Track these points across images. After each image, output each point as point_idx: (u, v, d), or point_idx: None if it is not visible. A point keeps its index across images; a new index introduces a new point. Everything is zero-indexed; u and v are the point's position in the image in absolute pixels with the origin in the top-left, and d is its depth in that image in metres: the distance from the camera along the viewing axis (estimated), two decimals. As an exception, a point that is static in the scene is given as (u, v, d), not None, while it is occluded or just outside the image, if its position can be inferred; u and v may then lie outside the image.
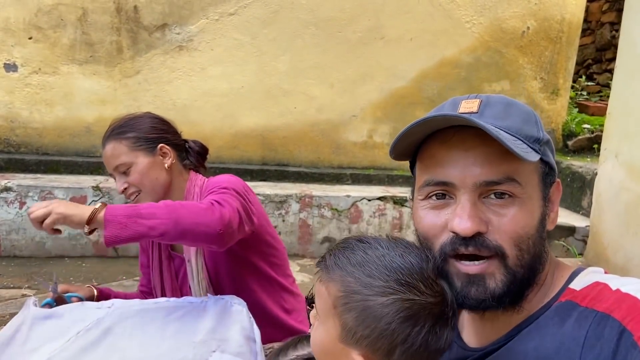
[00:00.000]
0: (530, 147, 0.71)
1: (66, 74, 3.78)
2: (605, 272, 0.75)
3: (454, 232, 0.71)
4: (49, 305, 1.39)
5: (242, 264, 1.56)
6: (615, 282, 0.70)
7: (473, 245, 0.70)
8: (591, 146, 4.42)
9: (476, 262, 0.71)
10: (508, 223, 0.70)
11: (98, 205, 1.24)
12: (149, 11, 3.81)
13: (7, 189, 3.26)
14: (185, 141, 1.67)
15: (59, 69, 3.77)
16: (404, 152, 0.79)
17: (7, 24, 3.65)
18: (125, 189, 1.53)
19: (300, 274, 3.20)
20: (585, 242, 3.40)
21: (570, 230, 3.52)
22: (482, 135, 0.68)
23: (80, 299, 1.45)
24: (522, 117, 0.74)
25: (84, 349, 1.23)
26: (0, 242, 3.27)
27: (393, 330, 0.68)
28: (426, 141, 0.76)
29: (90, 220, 1.21)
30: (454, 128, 0.72)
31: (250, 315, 1.36)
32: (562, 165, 4.11)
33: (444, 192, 0.73)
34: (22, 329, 1.24)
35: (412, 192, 0.82)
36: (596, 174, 3.24)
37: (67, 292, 1.49)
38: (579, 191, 3.83)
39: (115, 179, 1.57)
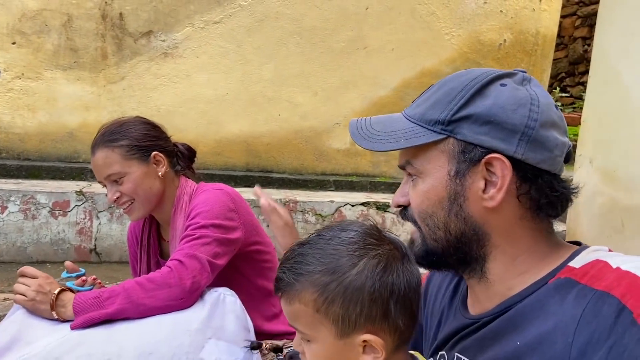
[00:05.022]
0: (429, 129, 0.77)
1: (49, 79, 3.76)
2: (609, 250, 0.76)
3: None
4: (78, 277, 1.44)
5: (228, 274, 1.53)
6: (615, 260, 0.70)
7: (402, 216, 0.85)
8: (566, 155, 4.54)
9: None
10: (412, 201, 0.82)
11: (56, 291, 1.28)
12: (134, 18, 3.83)
13: (-12, 194, 3.23)
14: (176, 146, 1.65)
15: (42, 74, 3.75)
16: None
17: (-10, 28, 3.63)
18: (118, 198, 1.50)
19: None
20: (561, 246, 3.50)
21: (547, 235, 3.62)
22: None
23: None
24: (437, 99, 0.78)
25: (80, 342, 1.23)
26: (-20, 248, 3.22)
27: (378, 288, 0.70)
28: None
29: (52, 307, 1.27)
30: None
31: (243, 307, 1.39)
32: (539, 173, 4.22)
33: None
34: (13, 327, 1.26)
35: None
36: (571, 180, 3.35)
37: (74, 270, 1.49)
38: (555, 198, 3.94)
39: (105, 187, 1.52)
